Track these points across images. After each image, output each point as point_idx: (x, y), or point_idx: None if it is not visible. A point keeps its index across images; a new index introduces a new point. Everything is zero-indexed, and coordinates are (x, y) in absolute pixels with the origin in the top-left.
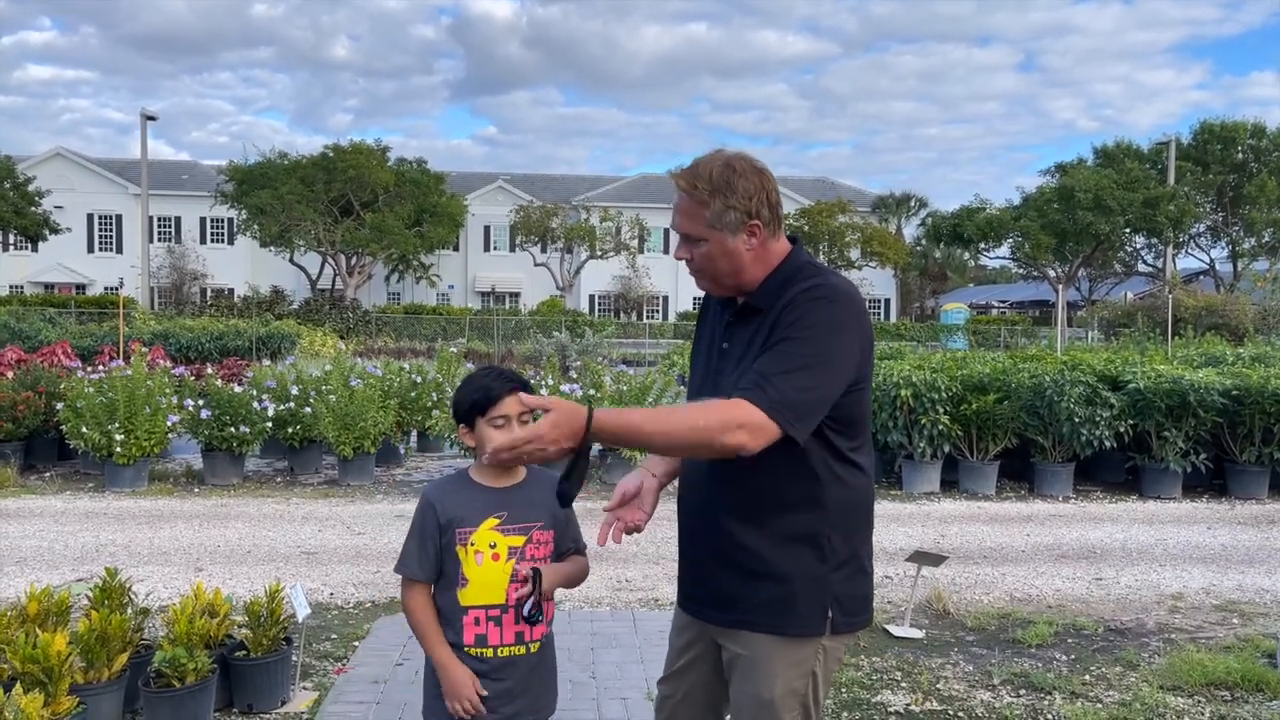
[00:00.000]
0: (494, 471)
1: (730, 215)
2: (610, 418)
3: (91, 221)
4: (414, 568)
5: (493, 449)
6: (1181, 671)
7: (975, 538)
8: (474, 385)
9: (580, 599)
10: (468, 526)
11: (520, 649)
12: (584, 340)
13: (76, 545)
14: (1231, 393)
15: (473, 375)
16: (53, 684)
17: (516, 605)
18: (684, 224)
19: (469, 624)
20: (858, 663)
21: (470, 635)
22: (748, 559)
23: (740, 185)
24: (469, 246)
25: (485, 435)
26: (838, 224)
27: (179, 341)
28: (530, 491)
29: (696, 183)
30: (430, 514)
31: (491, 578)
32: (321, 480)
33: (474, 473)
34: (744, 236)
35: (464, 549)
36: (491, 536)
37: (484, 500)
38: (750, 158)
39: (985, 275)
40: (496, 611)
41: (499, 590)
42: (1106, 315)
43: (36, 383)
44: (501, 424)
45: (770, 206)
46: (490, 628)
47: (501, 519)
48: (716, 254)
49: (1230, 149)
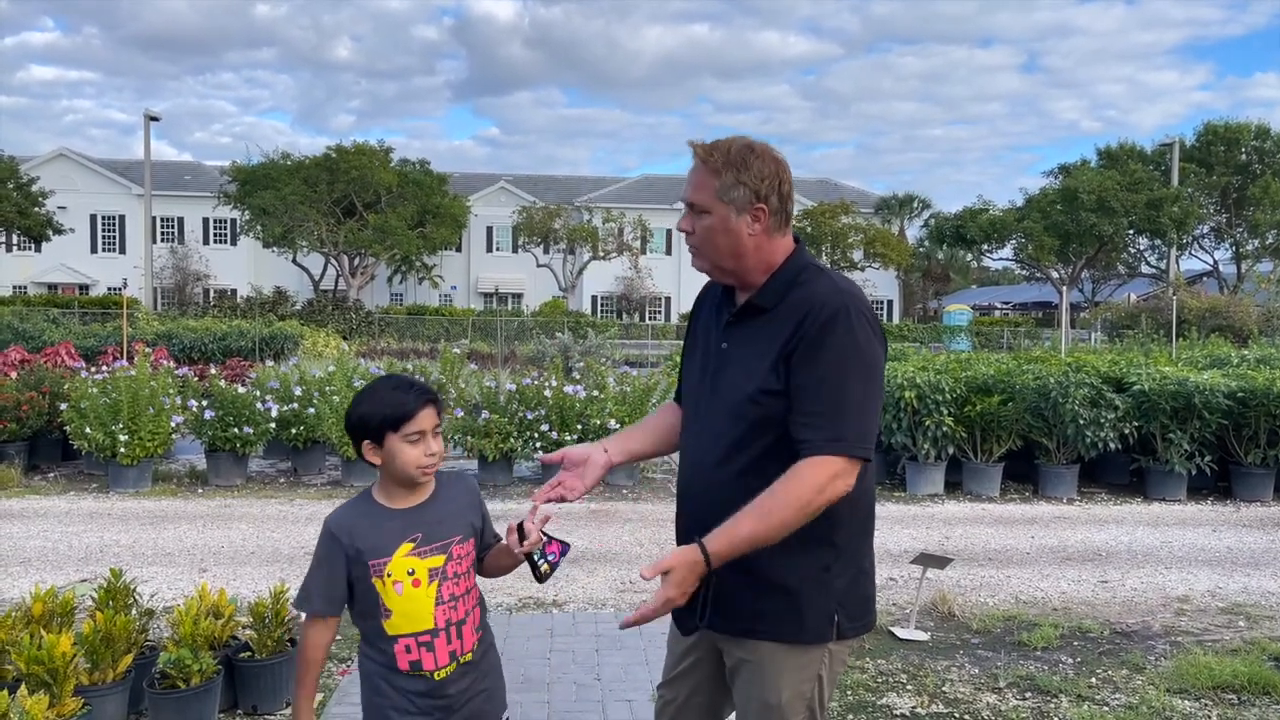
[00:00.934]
0: (400, 491)
1: (739, 191)
2: (724, 544)
3: (95, 222)
4: (317, 603)
5: (632, 621)
6: (1188, 674)
7: (980, 540)
8: (384, 399)
9: (584, 601)
10: (381, 557)
11: (453, 667)
12: (587, 341)
13: (81, 546)
14: (1236, 395)
15: (376, 386)
16: (58, 685)
17: (530, 561)
18: (692, 192)
19: (400, 652)
20: (863, 665)
21: (404, 662)
22: (753, 567)
23: (755, 165)
24: (472, 247)
25: (395, 451)
26: (840, 225)
27: (182, 342)
28: (442, 505)
29: (714, 152)
30: (335, 545)
31: (415, 605)
32: (325, 481)
33: (377, 494)
34: (748, 218)
35: (381, 580)
36: (408, 563)
37: (393, 525)
38: (772, 147)
39: (988, 277)
40: (427, 637)
41: (425, 616)
42: (1110, 317)
43: (40, 383)
44: (416, 439)
45: (780, 196)
46: (423, 653)
47: (416, 541)
48: (718, 228)
49: (1234, 150)
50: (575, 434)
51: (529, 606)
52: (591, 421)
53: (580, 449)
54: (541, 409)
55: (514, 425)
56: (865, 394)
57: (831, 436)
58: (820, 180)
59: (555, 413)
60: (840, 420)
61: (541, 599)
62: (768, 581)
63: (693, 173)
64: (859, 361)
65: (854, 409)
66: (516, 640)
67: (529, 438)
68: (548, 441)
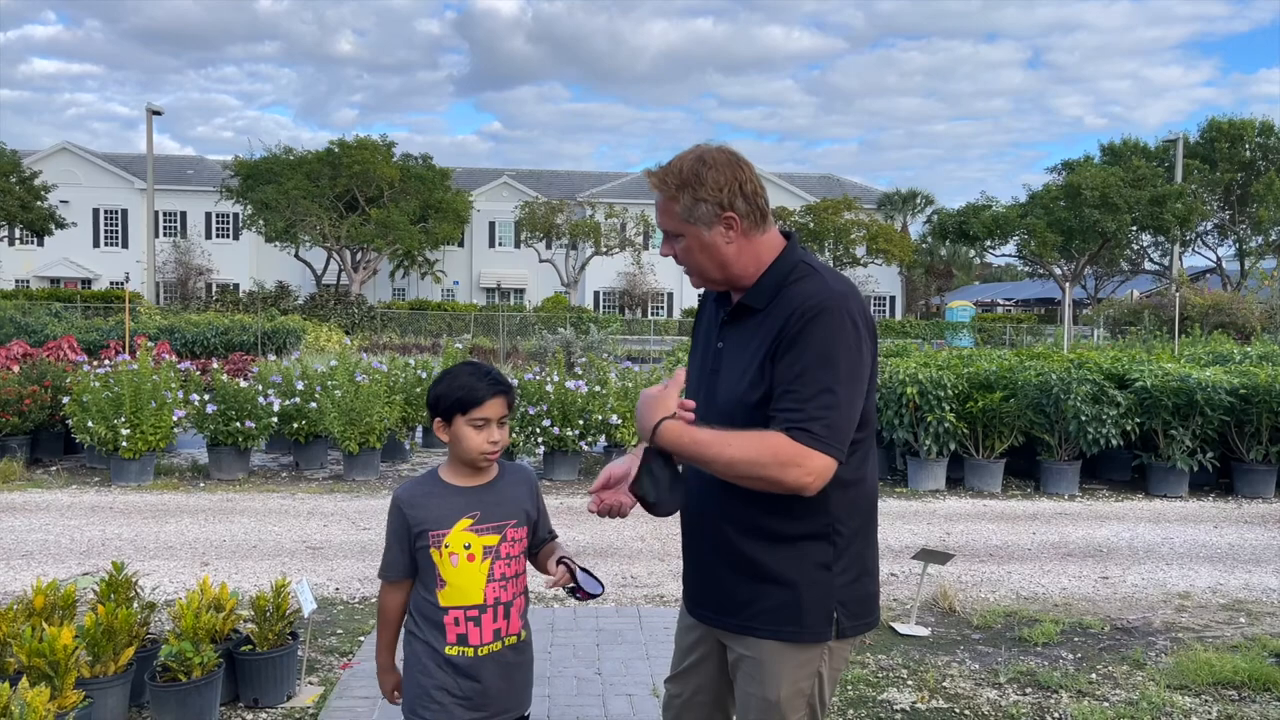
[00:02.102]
0: (465, 471)
1: (701, 208)
2: (676, 427)
3: (97, 216)
4: (394, 572)
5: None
6: (1189, 671)
7: (981, 536)
8: (459, 383)
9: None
10: (441, 529)
11: (497, 645)
12: (589, 337)
13: (83, 539)
14: (1239, 391)
15: (456, 371)
16: (59, 678)
17: (570, 592)
18: (661, 220)
19: (449, 624)
20: (864, 660)
21: (452, 635)
22: (752, 562)
23: (710, 177)
24: (474, 243)
25: (461, 434)
26: (843, 221)
27: (184, 336)
28: (502, 490)
29: (666, 178)
30: (399, 516)
31: (468, 579)
32: (327, 475)
33: (444, 473)
34: (720, 229)
35: (438, 551)
36: (465, 538)
37: (456, 501)
38: (728, 150)
39: (991, 273)
40: (475, 612)
41: (476, 591)
42: (1113, 313)
43: (42, 377)
44: (481, 425)
45: (745, 197)
46: (470, 627)
47: (474, 519)
48: (695, 248)
49: (1238, 147)
50: (577, 429)
51: (530, 601)
52: (593, 417)
53: (618, 466)
54: (544, 404)
55: (516, 420)
56: (846, 395)
57: (803, 427)
58: (823, 176)
59: (557, 408)
60: (816, 414)
61: (543, 593)
62: (767, 577)
63: (657, 201)
64: (842, 361)
65: (830, 406)
66: None
67: (531, 433)
68: (549, 437)
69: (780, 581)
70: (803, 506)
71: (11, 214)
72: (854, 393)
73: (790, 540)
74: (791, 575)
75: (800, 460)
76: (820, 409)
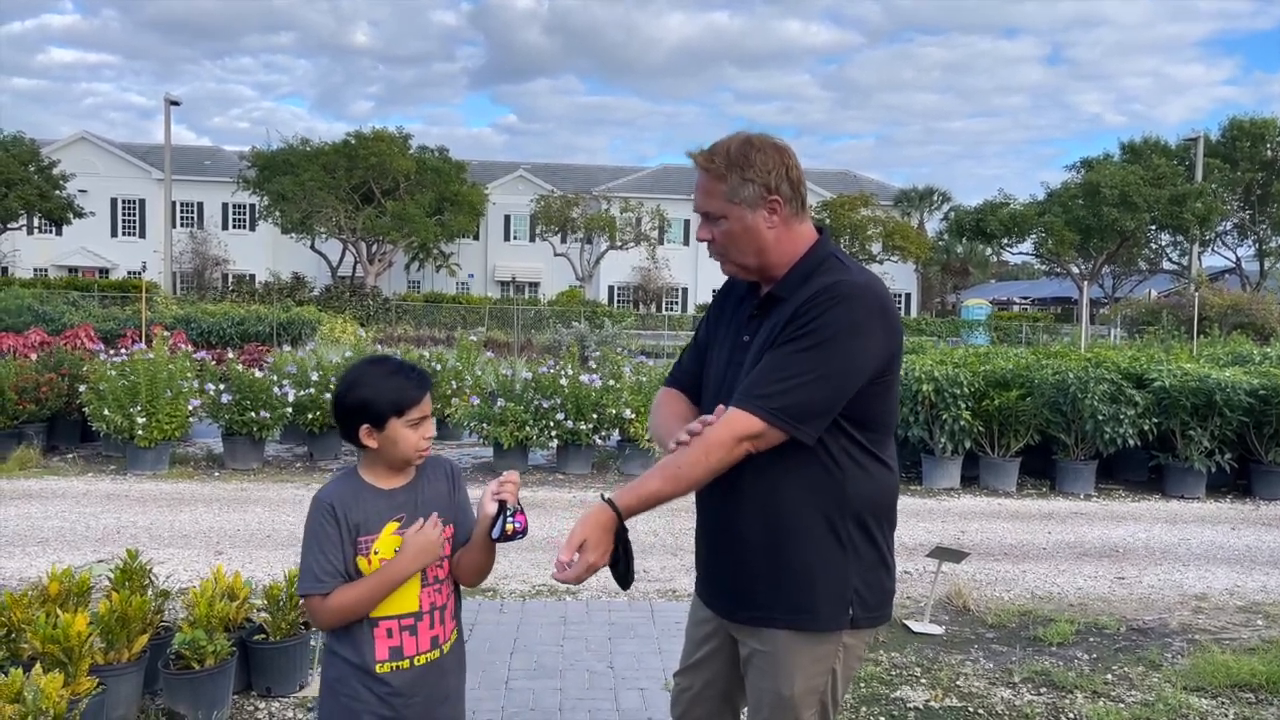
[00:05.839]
0: (388, 472)
1: (748, 189)
2: (631, 498)
3: (115, 206)
4: (310, 584)
5: (564, 578)
6: (1205, 672)
7: (996, 534)
8: (390, 384)
9: (597, 589)
10: (369, 534)
11: (435, 653)
12: (603, 331)
13: (98, 526)
14: (1258, 392)
15: (370, 371)
16: (73, 664)
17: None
18: (703, 201)
19: (380, 636)
20: (877, 658)
21: (383, 649)
22: (767, 551)
23: (758, 159)
24: (489, 236)
25: (398, 436)
26: (860, 217)
27: (200, 326)
28: (425, 487)
29: (714, 157)
30: (330, 517)
31: (401, 587)
32: (341, 466)
33: (365, 474)
34: (764, 213)
35: (366, 559)
36: (394, 542)
37: (380, 504)
38: (772, 137)
39: (1008, 271)
40: (410, 620)
41: (410, 598)
42: (1130, 313)
43: (60, 365)
44: (418, 423)
45: (791, 184)
46: (405, 638)
47: (401, 521)
48: (737, 231)
49: (1259, 146)
50: (590, 423)
51: (542, 594)
52: (607, 411)
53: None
54: (557, 398)
55: (530, 414)
56: (821, 377)
57: (758, 394)
58: (840, 172)
59: (571, 402)
60: (779, 388)
61: (555, 586)
62: (783, 565)
63: (699, 181)
64: (832, 344)
65: (796, 380)
66: (530, 627)
67: (544, 426)
68: (563, 430)
69: (795, 569)
70: (822, 494)
71: (30, 203)
72: (833, 378)
73: (808, 528)
74: (807, 562)
75: (746, 435)
76: (784, 383)
